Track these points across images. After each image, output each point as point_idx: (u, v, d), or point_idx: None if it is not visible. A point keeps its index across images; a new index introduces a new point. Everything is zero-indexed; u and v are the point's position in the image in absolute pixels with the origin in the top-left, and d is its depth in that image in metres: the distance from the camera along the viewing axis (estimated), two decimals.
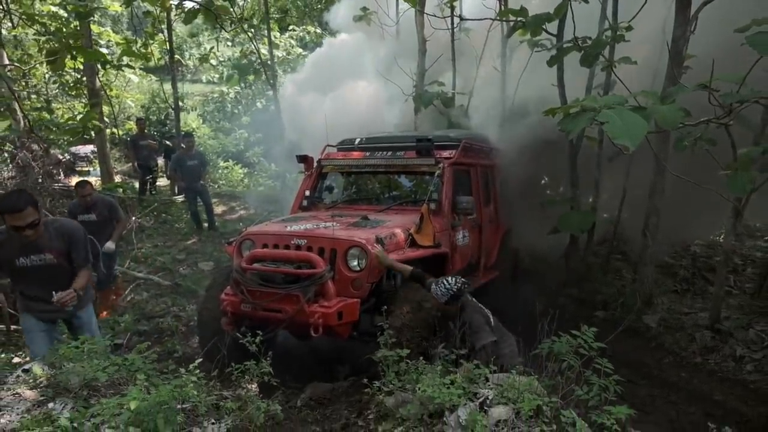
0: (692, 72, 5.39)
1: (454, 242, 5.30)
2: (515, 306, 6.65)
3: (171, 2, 8.50)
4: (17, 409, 2.29)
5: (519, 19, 6.34)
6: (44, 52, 5.25)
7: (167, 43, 10.44)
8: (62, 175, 10.16)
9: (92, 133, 6.78)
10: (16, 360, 4.16)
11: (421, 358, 3.29)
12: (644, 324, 6.19)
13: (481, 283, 6.01)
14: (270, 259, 4.11)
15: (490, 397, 2.68)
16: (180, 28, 20.97)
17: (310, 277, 3.87)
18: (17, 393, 2.43)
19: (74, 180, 11.63)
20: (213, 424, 2.33)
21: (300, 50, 18.45)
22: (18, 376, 2.60)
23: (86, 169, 13.26)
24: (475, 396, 2.75)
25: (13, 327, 4.80)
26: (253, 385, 3.11)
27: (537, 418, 2.55)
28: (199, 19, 7.88)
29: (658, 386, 5.33)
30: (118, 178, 12.68)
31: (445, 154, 5.51)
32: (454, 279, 3.80)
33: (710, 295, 7.15)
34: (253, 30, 13.31)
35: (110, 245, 5.50)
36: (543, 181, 12.87)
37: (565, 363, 3.05)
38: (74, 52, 4.80)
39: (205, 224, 9.07)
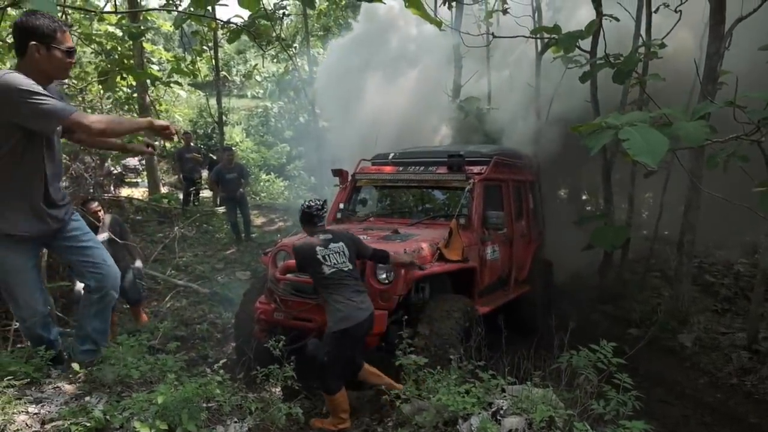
0: (727, 88, 5.32)
1: (483, 257, 5.36)
2: (547, 321, 6.66)
3: (217, 22, 8.90)
4: (56, 401, 2.50)
5: (552, 36, 6.40)
6: (98, 70, 5.58)
7: (213, 60, 10.92)
8: (112, 186, 10.73)
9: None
10: None
11: (447, 366, 3.40)
12: (679, 343, 6.07)
13: (512, 297, 6.02)
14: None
15: (504, 407, 2.75)
16: (227, 46, 21.84)
17: None
18: (57, 386, 2.65)
19: (124, 191, 12.29)
20: (236, 422, 2.49)
21: None
22: (60, 373, 2.83)
23: (135, 180, 13.89)
24: (490, 405, 2.82)
25: None
26: (276, 389, 3.26)
27: (549, 429, 2.61)
28: (244, 37, 8.26)
29: (692, 407, 5.21)
30: (165, 189, 13.28)
31: (476, 169, 5.58)
32: None
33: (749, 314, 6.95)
34: (296, 47, 13.76)
35: (140, 264, 5.54)
36: (583, 197, 12.79)
37: (582, 377, 3.09)
38: (124, 72, 5.13)
39: (243, 234, 9.33)
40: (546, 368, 3.55)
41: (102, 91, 13.77)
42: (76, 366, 2.76)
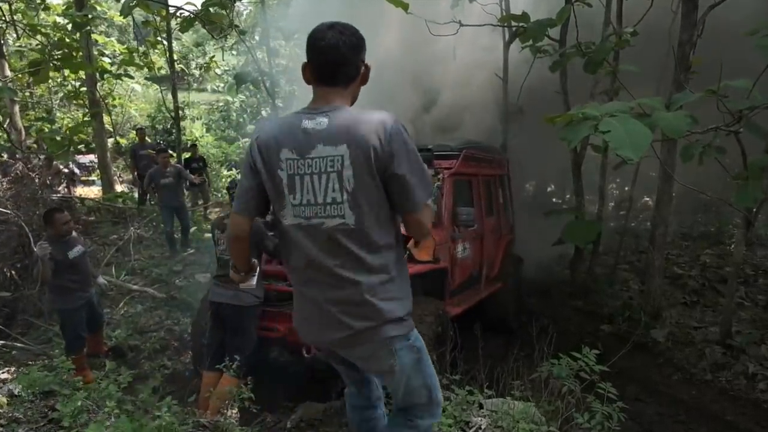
0: (698, 78, 5.22)
1: (454, 255, 5.14)
2: (519, 318, 6.51)
3: (168, 10, 8.39)
4: None
5: (521, 24, 6.19)
6: (29, 61, 5.10)
7: (168, 52, 10.37)
8: (64, 185, 10.09)
9: (80, 146, 6.68)
10: None
11: None
12: (652, 339, 5.98)
13: (483, 295, 5.84)
14: (263, 275, 3.97)
15: (483, 426, 2.52)
16: (185, 38, 21.05)
17: None
18: None
19: (77, 191, 11.63)
20: None
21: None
22: None
23: (88, 178, 13.22)
24: (468, 425, 2.58)
25: None
26: (233, 411, 2.96)
27: None
28: (202, 29, 7.82)
29: (666, 405, 5.11)
30: (121, 188, 12.66)
31: (446, 164, 5.35)
32: None
33: (721, 307, 6.94)
34: (257, 39, 13.29)
35: (102, 280, 5.01)
36: (549, 189, 12.77)
37: (565, 387, 2.88)
38: (59, 63, 4.68)
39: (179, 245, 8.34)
40: (524, 376, 3.34)
41: (51, 86, 13.11)
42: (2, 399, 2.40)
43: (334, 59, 1.77)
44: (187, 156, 10.70)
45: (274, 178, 1.79)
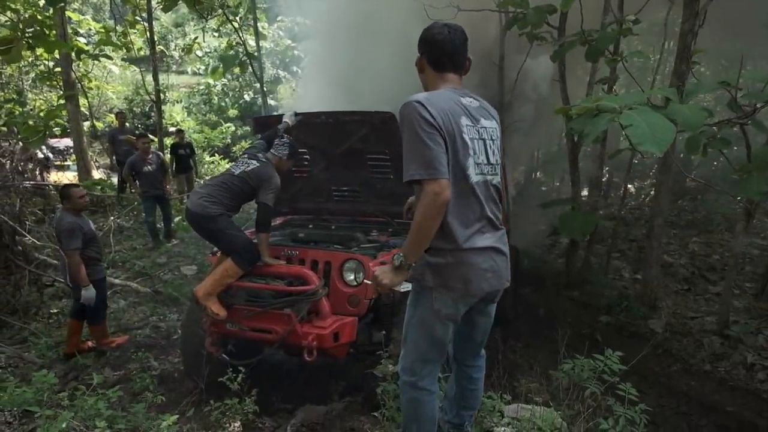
0: (697, 68, 5.13)
1: None
2: (515, 309, 6.42)
3: None
4: None
5: (519, 10, 6.01)
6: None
7: (148, 32, 9.94)
8: (37, 172, 9.64)
9: (56, 131, 6.29)
10: None
11: None
12: (650, 329, 5.95)
13: None
14: (258, 274, 3.77)
15: None
16: (165, 18, 20.35)
17: (302, 294, 3.53)
18: None
19: (51, 176, 11.15)
20: None
21: (288, 41, 17.96)
22: None
23: (63, 164, 12.70)
24: None
25: None
26: (236, 423, 2.77)
27: None
28: (183, 8, 7.47)
29: (666, 396, 5.09)
30: (99, 174, 12.20)
31: None
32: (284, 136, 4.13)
33: (712, 295, 6.95)
34: (239, 20, 12.87)
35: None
36: (534, 176, 12.71)
37: (588, 390, 2.76)
38: (32, 41, 4.34)
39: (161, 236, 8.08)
40: (539, 376, 3.23)
41: (22, 66, 12.51)
42: None
43: (460, 50, 2.18)
44: (173, 141, 10.30)
45: (457, 142, 2.01)
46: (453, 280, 2.08)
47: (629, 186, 11.53)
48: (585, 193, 8.08)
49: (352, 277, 3.67)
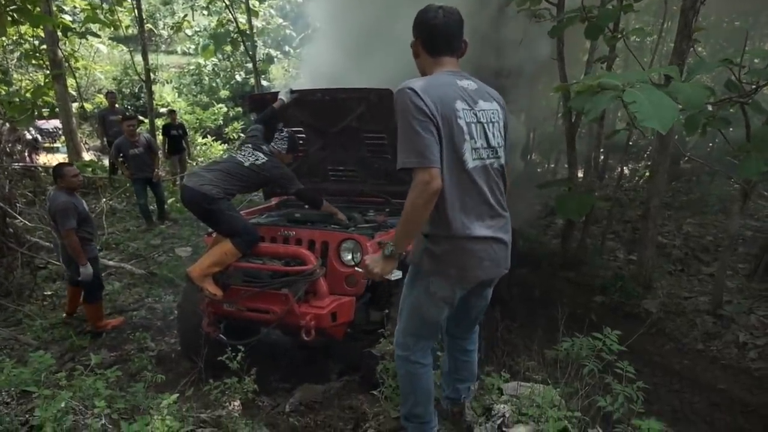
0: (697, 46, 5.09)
1: None
2: (511, 290, 6.43)
3: None
4: None
5: None
6: None
7: (136, 10, 9.72)
8: (26, 153, 9.48)
9: (44, 111, 6.15)
10: None
11: None
12: (644, 309, 6.00)
13: None
14: (254, 254, 3.73)
15: (507, 415, 2.39)
16: None
17: (299, 274, 3.50)
18: None
19: (40, 159, 10.99)
20: None
21: (280, 20, 17.69)
22: None
23: (53, 145, 12.52)
24: (490, 412, 2.45)
25: None
26: (236, 402, 2.76)
27: None
28: None
29: (660, 374, 5.14)
30: (89, 156, 12.03)
31: None
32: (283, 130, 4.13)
33: (705, 276, 7.01)
34: None
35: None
36: (530, 157, 12.68)
37: (586, 368, 2.77)
38: (17, 15, 4.20)
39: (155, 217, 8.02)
40: (537, 355, 3.24)
41: (6, 44, 12.21)
42: None
43: (455, 33, 2.13)
44: (164, 122, 10.14)
45: (452, 128, 1.96)
46: (449, 267, 2.08)
47: (623, 168, 11.55)
48: (580, 174, 8.09)
49: (349, 257, 3.65)
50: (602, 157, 9.77)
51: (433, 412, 2.36)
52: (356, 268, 3.44)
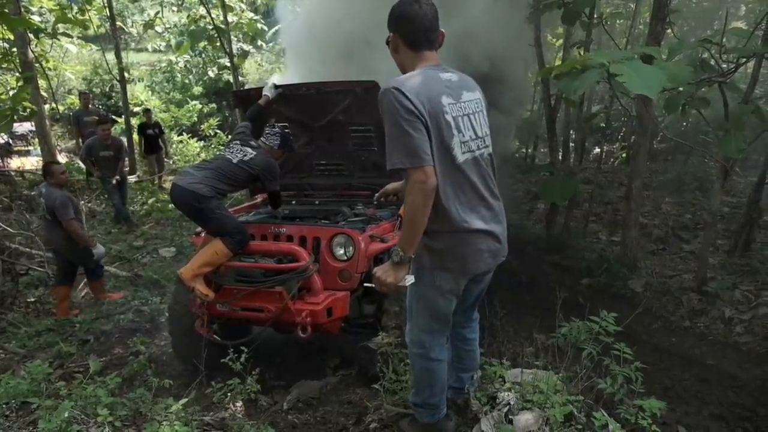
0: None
1: None
2: (498, 276, 6.47)
3: None
4: None
5: None
6: None
7: (107, 9, 9.47)
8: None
9: (24, 114, 6.00)
10: None
11: None
12: (630, 289, 6.09)
13: None
14: (246, 253, 3.68)
15: (512, 403, 2.40)
16: None
17: (293, 271, 3.47)
18: None
19: (13, 163, 10.70)
20: None
21: (251, 14, 17.38)
22: None
23: (26, 148, 12.19)
24: (495, 401, 2.46)
25: None
26: (238, 404, 2.72)
27: (568, 424, 2.29)
28: None
29: (648, 353, 5.18)
30: (63, 158, 11.74)
31: None
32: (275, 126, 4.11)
33: (687, 254, 7.15)
34: None
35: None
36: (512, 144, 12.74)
37: (585, 351, 2.80)
38: None
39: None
40: (535, 341, 3.27)
41: None
42: None
43: (434, 25, 2.08)
44: (140, 122, 9.96)
45: (440, 123, 1.95)
46: (450, 261, 2.10)
47: (597, 150, 11.68)
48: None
49: (342, 251, 3.62)
50: (585, 142, 9.85)
51: (445, 400, 2.40)
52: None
